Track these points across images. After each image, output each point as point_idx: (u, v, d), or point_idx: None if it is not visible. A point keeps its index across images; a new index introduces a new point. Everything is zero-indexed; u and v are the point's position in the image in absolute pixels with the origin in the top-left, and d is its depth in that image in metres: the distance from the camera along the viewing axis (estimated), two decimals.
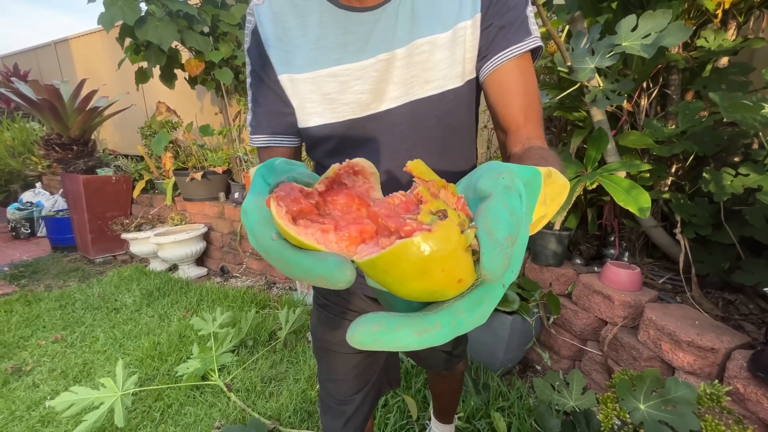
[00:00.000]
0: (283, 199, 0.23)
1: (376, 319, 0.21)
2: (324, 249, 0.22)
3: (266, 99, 0.58)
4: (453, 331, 0.21)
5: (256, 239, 0.23)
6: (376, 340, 0.20)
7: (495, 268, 0.20)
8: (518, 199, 0.24)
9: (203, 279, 2.82)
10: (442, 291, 0.21)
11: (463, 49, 0.53)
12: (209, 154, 3.09)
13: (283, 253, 0.22)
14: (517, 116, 0.51)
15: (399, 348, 0.21)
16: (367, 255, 0.21)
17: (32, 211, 3.84)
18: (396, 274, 0.20)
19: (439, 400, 1.13)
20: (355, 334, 0.21)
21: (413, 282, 0.21)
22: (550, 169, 0.30)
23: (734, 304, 1.30)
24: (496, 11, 0.51)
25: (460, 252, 0.20)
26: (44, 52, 5.34)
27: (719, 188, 1.13)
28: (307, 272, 0.21)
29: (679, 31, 1.08)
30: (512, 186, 0.24)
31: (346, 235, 0.23)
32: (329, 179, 0.27)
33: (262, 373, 1.64)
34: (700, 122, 1.24)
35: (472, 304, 0.22)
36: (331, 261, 0.21)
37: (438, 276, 0.20)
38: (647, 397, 0.86)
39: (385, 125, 0.56)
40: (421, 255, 0.19)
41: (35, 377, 1.70)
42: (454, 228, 0.20)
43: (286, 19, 0.55)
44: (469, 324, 0.21)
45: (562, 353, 1.50)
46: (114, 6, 2.22)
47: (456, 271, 0.21)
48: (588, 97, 1.29)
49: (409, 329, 0.21)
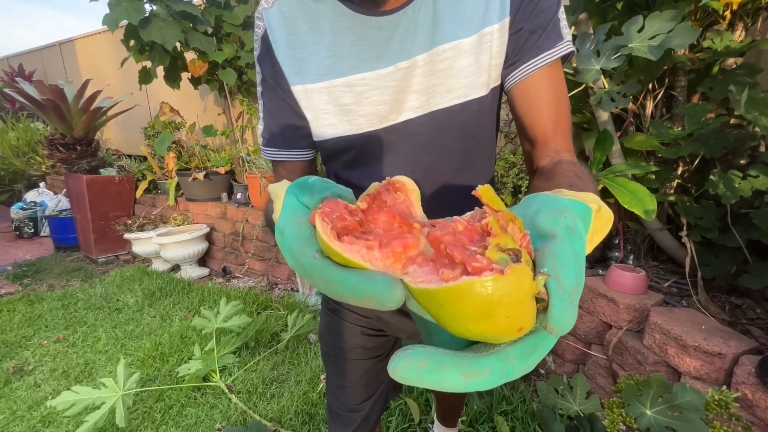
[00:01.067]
0: (328, 215, 0.22)
1: (423, 356, 0.20)
2: (369, 266, 0.21)
3: (279, 111, 0.55)
4: (501, 379, 0.20)
5: (294, 258, 0.22)
6: (421, 378, 0.19)
7: (565, 323, 0.19)
8: (581, 243, 0.22)
9: (205, 279, 2.82)
10: (499, 337, 0.20)
11: (489, 55, 0.49)
12: (212, 154, 3.10)
13: (327, 272, 0.21)
14: (546, 128, 0.48)
15: (444, 388, 0.20)
16: (425, 283, 0.20)
17: (36, 211, 3.85)
18: (454, 311, 0.19)
19: (442, 404, 1.12)
20: (398, 368, 0.20)
21: (471, 323, 0.19)
22: (599, 203, 0.29)
23: (741, 308, 1.28)
24: (526, 14, 0.47)
25: (529, 299, 0.19)
26: (49, 52, 5.37)
27: (727, 191, 1.11)
28: (354, 291, 0.20)
29: (686, 33, 1.07)
30: (575, 228, 0.23)
31: (390, 252, 0.22)
32: (370, 196, 0.26)
33: (263, 375, 1.63)
34: (707, 124, 1.22)
35: (525, 352, 0.20)
36: (379, 279, 0.20)
37: (501, 322, 0.19)
38: (654, 403, 0.85)
39: (404, 137, 0.52)
40: (488, 298, 0.18)
41: (37, 377, 1.70)
42: (528, 273, 0.19)
43: (297, 24, 0.51)
44: (518, 373, 0.20)
45: (566, 357, 1.49)
46: (119, 7, 2.23)
47: (520, 319, 0.19)
48: (593, 98, 1.28)
49: (457, 371, 0.19)
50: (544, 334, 0.21)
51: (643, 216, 1.10)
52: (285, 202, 0.26)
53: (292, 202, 0.26)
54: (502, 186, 1.81)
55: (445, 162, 0.54)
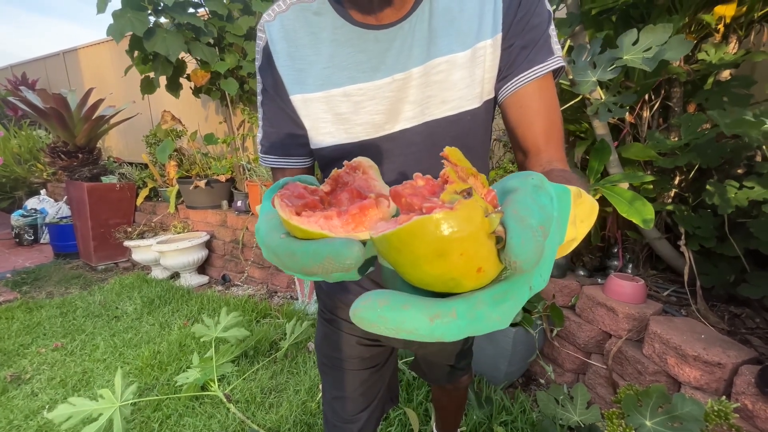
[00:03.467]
0: (287, 196, 0.23)
1: (384, 294, 0.19)
2: (331, 234, 0.22)
3: (278, 120, 0.57)
4: (470, 326, 0.19)
5: (265, 246, 0.23)
6: (381, 316, 0.18)
7: (526, 253, 0.18)
8: (548, 199, 0.22)
9: (204, 287, 2.81)
10: (459, 280, 0.19)
11: (482, 69, 0.51)
12: (213, 162, 3.12)
13: (291, 246, 0.21)
14: (538, 139, 0.49)
15: (405, 332, 0.18)
16: (383, 231, 0.20)
17: (36, 218, 3.86)
18: (410, 254, 0.19)
19: (442, 414, 1.11)
20: (358, 308, 0.19)
21: (428, 265, 0.19)
22: (580, 190, 0.29)
23: (740, 317, 1.28)
24: (518, 30, 0.49)
25: (483, 236, 0.19)
26: (53, 61, 5.43)
27: (723, 201, 1.12)
28: (314, 256, 0.20)
29: (680, 45, 1.09)
30: (542, 186, 0.23)
31: (350, 218, 0.22)
32: (332, 178, 0.27)
33: (262, 384, 1.62)
34: (703, 134, 1.24)
35: (494, 297, 0.19)
36: (337, 241, 0.20)
37: (456, 260, 0.18)
38: (654, 414, 0.84)
39: (400, 146, 0.54)
40: (439, 234, 0.18)
41: (34, 386, 1.69)
42: (478, 209, 0.18)
43: (298, 36, 0.53)
44: (489, 321, 0.19)
45: (566, 366, 1.48)
46: (123, 18, 2.27)
47: (476, 258, 0.19)
48: (590, 109, 1.29)
49: (420, 311, 0.18)
50: (513, 282, 0.20)
51: (641, 225, 1.11)
52: (262, 206, 0.27)
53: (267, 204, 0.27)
54: None
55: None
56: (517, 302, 0.20)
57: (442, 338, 0.19)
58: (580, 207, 0.28)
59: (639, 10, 1.39)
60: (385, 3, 0.47)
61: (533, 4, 0.49)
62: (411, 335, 0.18)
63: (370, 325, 0.19)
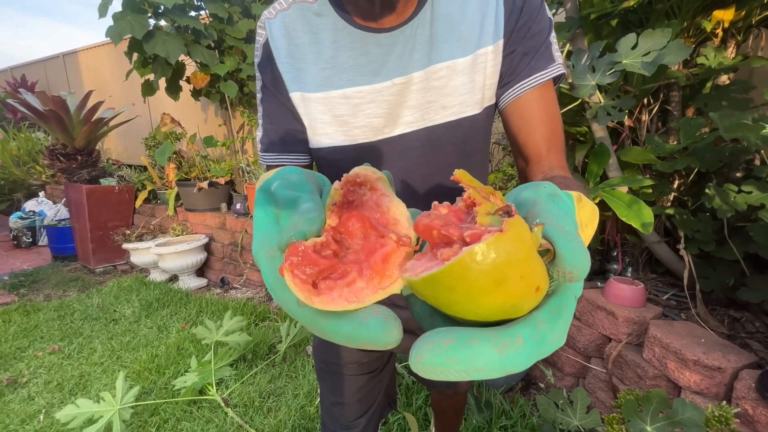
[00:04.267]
0: (297, 267, 0.20)
1: (446, 334, 0.17)
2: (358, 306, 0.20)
3: (278, 115, 0.56)
4: (536, 349, 0.17)
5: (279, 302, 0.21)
6: (449, 359, 0.17)
7: (580, 262, 0.17)
8: (567, 207, 0.22)
9: (203, 290, 2.80)
10: (519, 305, 0.18)
11: (483, 75, 0.51)
12: (212, 165, 3.12)
13: (317, 322, 0.20)
14: (540, 146, 0.49)
15: (477, 370, 0.17)
16: (427, 271, 0.18)
17: (34, 220, 3.85)
18: (465, 289, 0.17)
19: (441, 419, 1.11)
20: (421, 354, 0.17)
21: (487, 297, 0.17)
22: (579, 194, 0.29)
23: (740, 321, 1.28)
24: (519, 37, 0.49)
25: (535, 253, 0.18)
26: (52, 63, 5.43)
27: (722, 205, 1.12)
28: (349, 339, 0.19)
29: (678, 50, 1.10)
30: (556, 194, 0.23)
31: (372, 274, 0.20)
32: (336, 206, 0.24)
33: (260, 388, 1.61)
34: (702, 138, 1.24)
35: (552, 314, 0.18)
36: (372, 324, 0.19)
37: (516, 285, 0.17)
38: (654, 419, 0.84)
39: (399, 150, 0.54)
40: (495, 261, 0.16)
41: (31, 389, 1.68)
42: (525, 225, 0.17)
43: (299, 35, 0.52)
44: (552, 340, 0.18)
45: (566, 370, 1.47)
46: (123, 20, 2.27)
47: (534, 277, 0.18)
48: (589, 113, 1.30)
49: (487, 343, 0.17)
50: (563, 293, 0.19)
51: (640, 229, 1.11)
52: (255, 215, 0.25)
53: (261, 216, 0.24)
54: None
55: (438, 176, 0.55)
56: (569, 315, 0.19)
57: (512, 370, 0.17)
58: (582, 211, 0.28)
59: (638, 15, 1.40)
60: (387, 8, 0.47)
61: (535, 12, 0.49)
62: (481, 374, 0.17)
63: (437, 371, 0.17)
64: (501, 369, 0.17)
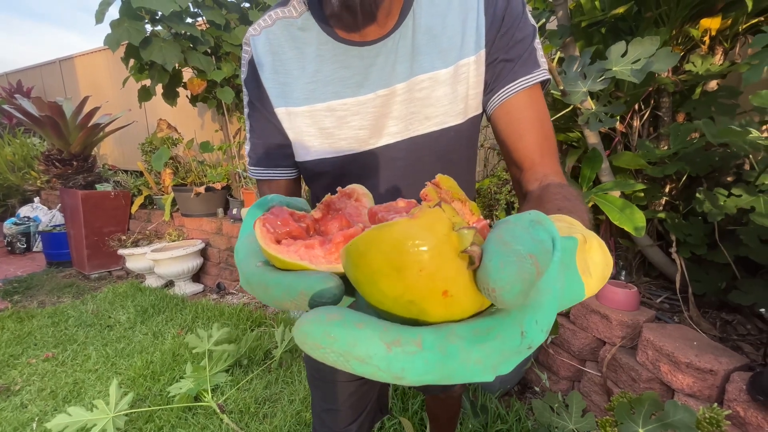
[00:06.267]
0: (270, 221, 0.21)
1: (334, 310, 0.16)
2: (310, 266, 0.20)
3: (264, 131, 0.57)
4: (441, 363, 0.15)
5: (241, 271, 0.21)
6: (327, 334, 0.15)
7: (505, 278, 0.14)
8: (546, 235, 0.19)
9: (199, 296, 2.79)
10: (420, 304, 0.16)
11: (465, 86, 0.51)
12: (209, 170, 3.12)
13: (265, 278, 0.19)
14: (533, 152, 0.49)
15: (357, 358, 0.15)
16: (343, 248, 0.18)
17: (29, 226, 3.82)
18: (366, 267, 0.16)
19: (436, 423, 1.11)
20: (302, 322, 0.15)
21: (384, 280, 0.16)
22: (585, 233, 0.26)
23: (732, 324, 1.29)
24: (501, 45, 0.49)
25: (448, 252, 0.16)
26: (48, 69, 5.43)
27: (713, 208, 1.14)
28: (288, 290, 0.18)
29: (667, 57, 1.12)
30: (540, 222, 0.20)
31: (333, 248, 0.20)
32: (324, 204, 0.26)
33: (256, 394, 1.61)
34: (692, 143, 1.26)
35: (474, 333, 0.16)
36: (313, 275, 0.18)
37: (415, 277, 0.15)
38: (646, 421, 0.85)
39: (383, 161, 0.54)
40: (394, 242, 0.15)
41: (24, 397, 1.66)
42: (444, 220, 0.16)
43: (283, 51, 0.53)
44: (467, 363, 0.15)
45: (561, 374, 1.48)
46: (120, 27, 2.28)
47: (440, 277, 0.15)
48: (581, 119, 1.31)
49: (375, 332, 0.15)
50: (499, 317, 0.17)
51: (633, 232, 1.12)
52: (244, 224, 0.25)
53: (249, 225, 0.25)
54: (495, 203, 1.83)
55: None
56: (504, 344, 0.16)
57: (402, 376, 0.15)
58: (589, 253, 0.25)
59: (627, 23, 1.42)
60: (369, 20, 0.48)
61: (517, 20, 0.49)
62: (363, 365, 0.15)
63: (315, 347, 0.15)
64: (387, 368, 0.15)
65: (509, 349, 0.16)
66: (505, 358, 0.16)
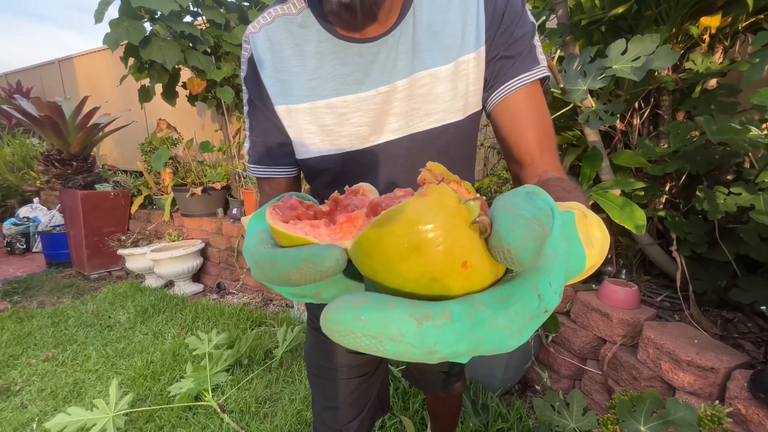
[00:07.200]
0: (280, 207, 0.23)
1: (360, 294, 0.16)
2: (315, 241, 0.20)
3: (264, 129, 0.57)
4: (471, 332, 0.15)
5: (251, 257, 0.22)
6: (359, 318, 0.15)
7: (518, 239, 0.15)
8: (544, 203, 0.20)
9: (199, 295, 2.79)
10: (443, 280, 0.16)
11: (465, 82, 0.52)
12: (208, 170, 3.11)
13: (272, 254, 0.20)
14: (533, 148, 0.49)
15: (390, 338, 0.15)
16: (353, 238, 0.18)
17: (28, 226, 3.82)
18: (382, 255, 0.16)
19: (437, 422, 1.11)
20: (330, 310, 0.16)
21: (403, 263, 0.16)
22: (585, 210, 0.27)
23: (732, 322, 1.29)
24: (501, 42, 0.50)
25: (461, 224, 0.16)
26: (48, 69, 5.43)
27: (713, 207, 1.14)
28: (292, 260, 0.18)
29: (667, 55, 1.12)
30: (536, 192, 0.21)
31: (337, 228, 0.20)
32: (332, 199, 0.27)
33: (256, 393, 1.61)
34: (692, 142, 1.26)
35: (496, 298, 0.16)
36: (315, 246, 0.18)
37: (434, 253, 0.15)
38: (647, 419, 0.85)
39: (384, 157, 0.54)
40: (408, 223, 0.15)
41: (24, 397, 1.66)
42: (451, 193, 0.16)
43: (283, 48, 0.53)
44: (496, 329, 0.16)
45: (562, 372, 1.48)
46: (119, 27, 2.28)
47: (458, 249, 0.16)
48: (581, 117, 1.31)
49: (404, 309, 0.15)
50: (519, 282, 0.17)
51: (633, 231, 1.12)
52: (249, 225, 0.26)
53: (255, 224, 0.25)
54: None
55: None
56: (524, 307, 0.17)
57: (436, 350, 0.15)
58: (591, 227, 0.26)
59: (627, 21, 1.42)
60: (369, 18, 0.48)
61: (516, 17, 0.50)
62: (397, 344, 0.15)
63: (346, 333, 0.15)
64: (420, 343, 0.15)
65: (530, 312, 0.17)
66: (526, 321, 0.17)
